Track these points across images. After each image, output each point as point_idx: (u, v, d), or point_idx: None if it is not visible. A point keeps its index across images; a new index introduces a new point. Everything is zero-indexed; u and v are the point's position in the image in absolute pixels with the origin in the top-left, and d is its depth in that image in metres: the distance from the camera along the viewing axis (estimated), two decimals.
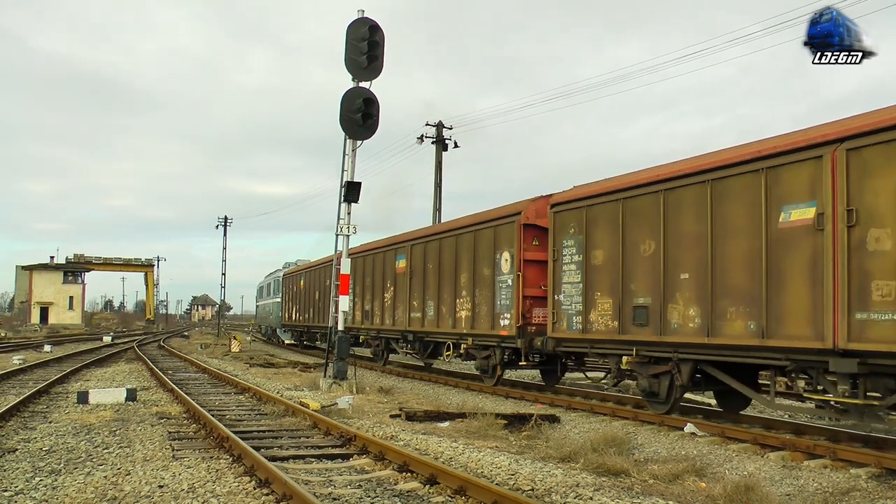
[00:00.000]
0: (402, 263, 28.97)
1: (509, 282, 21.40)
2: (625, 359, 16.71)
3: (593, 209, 17.72)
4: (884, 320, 11.19)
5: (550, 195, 19.92)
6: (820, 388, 12.68)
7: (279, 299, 56.83)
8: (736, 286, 13.84)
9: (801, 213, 12.65)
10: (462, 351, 24.25)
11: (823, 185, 12.20)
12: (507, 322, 21.36)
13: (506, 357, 22.20)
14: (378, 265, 31.62)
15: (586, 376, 21.50)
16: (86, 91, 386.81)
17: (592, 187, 18.12)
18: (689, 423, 15.08)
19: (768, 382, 14.29)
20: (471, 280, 23.52)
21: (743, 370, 14.89)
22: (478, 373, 24.37)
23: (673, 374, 15.64)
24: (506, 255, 21.63)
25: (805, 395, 13.29)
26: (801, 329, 12.49)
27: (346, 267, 23.09)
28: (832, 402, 12.53)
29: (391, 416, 16.25)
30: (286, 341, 55.80)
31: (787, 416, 16.48)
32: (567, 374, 22.88)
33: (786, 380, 14.26)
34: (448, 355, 25.29)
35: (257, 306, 79.01)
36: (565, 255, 18.60)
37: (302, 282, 47.93)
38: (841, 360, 11.85)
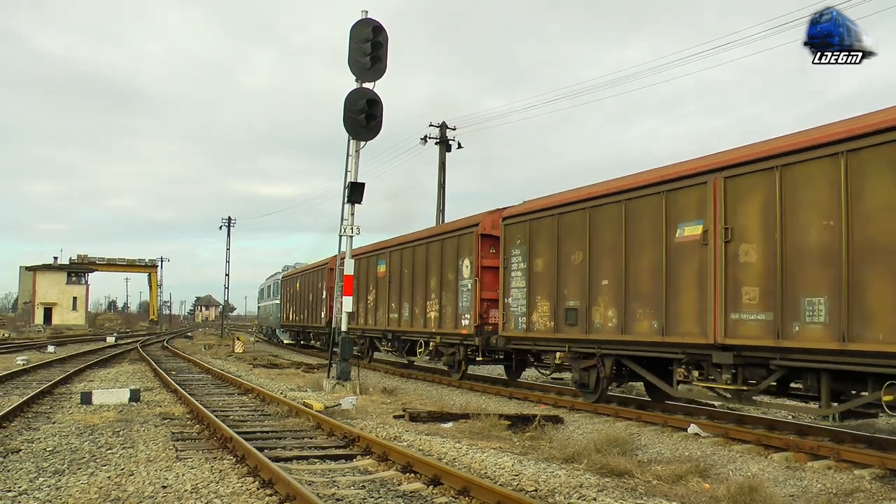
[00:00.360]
0: (382, 268, 31.28)
1: (469, 286, 23.81)
2: (558, 354, 19.27)
3: (535, 223, 20.15)
4: (751, 320, 13.57)
5: (503, 209, 22.38)
6: (711, 377, 14.79)
7: (278, 301, 58.80)
8: (644, 291, 16.19)
9: (692, 230, 15.01)
10: (431, 348, 26.45)
11: (707, 207, 14.58)
12: (467, 322, 23.80)
13: (469, 354, 24.40)
14: (363, 270, 33.45)
15: (539, 371, 23.19)
16: (90, 92, 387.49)
17: (536, 203, 20.54)
18: (692, 424, 15.10)
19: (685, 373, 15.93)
20: (438, 284, 25.91)
21: (653, 363, 16.96)
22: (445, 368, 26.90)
23: (598, 368, 18.07)
24: (466, 261, 24.09)
25: (696, 383, 15.44)
26: (691, 327, 14.85)
27: (349, 268, 23.06)
28: (717, 389, 14.91)
29: (395, 417, 16.25)
30: (285, 341, 57.70)
31: (790, 416, 16.48)
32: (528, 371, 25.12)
33: (683, 370, 15.87)
34: (420, 352, 27.39)
35: (259, 307, 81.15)
36: (513, 263, 20.99)
37: (298, 284, 50.51)
38: (721, 353, 14.26)
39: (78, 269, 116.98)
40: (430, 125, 47.77)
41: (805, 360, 12.78)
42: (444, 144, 47.44)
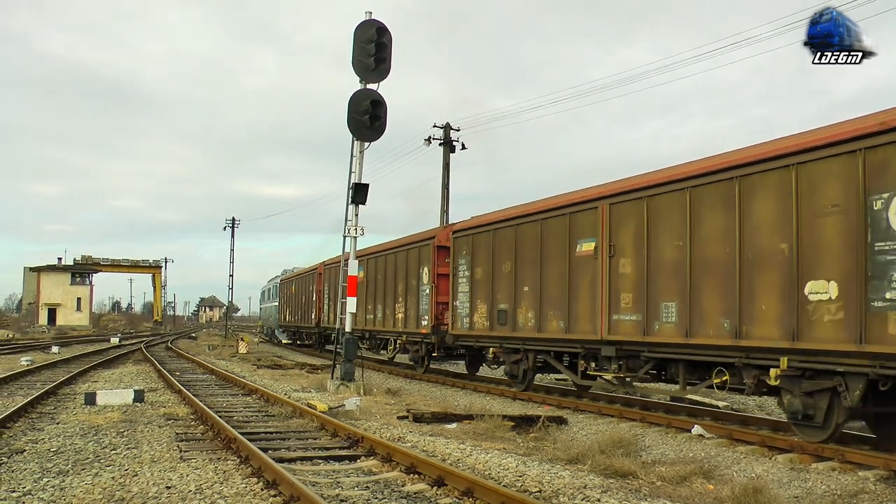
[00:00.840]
0: (361, 274, 32.57)
1: (427, 291, 27.46)
2: (492, 349, 22.91)
3: (476, 237, 23.64)
4: (627, 320, 16.91)
5: (454, 224, 26.55)
6: (604, 367, 17.94)
7: (276, 303, 62.50)
8: (554, 296, 19.56)
9: (587, 246, 18.32)
10: (398, 345, 30.58)
11: (598, 227, 17.90)
12: (425, 322, 27.41)
13: (429, 350, 28.10)
14: (305, 284, 39.06)
15: (489, 367, 26.72)
16: (93, 93, 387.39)
17: (478, 220, 24.20)
18: (696, 425, 15.12)
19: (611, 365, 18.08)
20: (405, 289, 29.52)
21: (561, 356, 20.44)
22: (410, 363, 30.58)
23: (524, 361, 21.54)
24: (425, 269, 27.75)
25: (590, 372, 18.61)
26: (586, 326, 18.20)
27: (353, 269, 23.04)
28: (604, 377, 18.12)
29: (398, 418, 16.25)
30: (283, 341, 61.54)
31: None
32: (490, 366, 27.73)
33: (584, 362, 18.82)
34: (391, 349, 31.56)
35: (261, 309, 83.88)
36: (460, 271, 24.50)
37: (293, 287, 54.59)
38: (607, 347, 17.60)
39: (82, 270, 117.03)
40: (434, 126, 47.78)
41: (663, 351, 16.16)
42: (448, 145, 47.45)
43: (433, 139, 47.57)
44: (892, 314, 11.27)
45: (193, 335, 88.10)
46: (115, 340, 61.09)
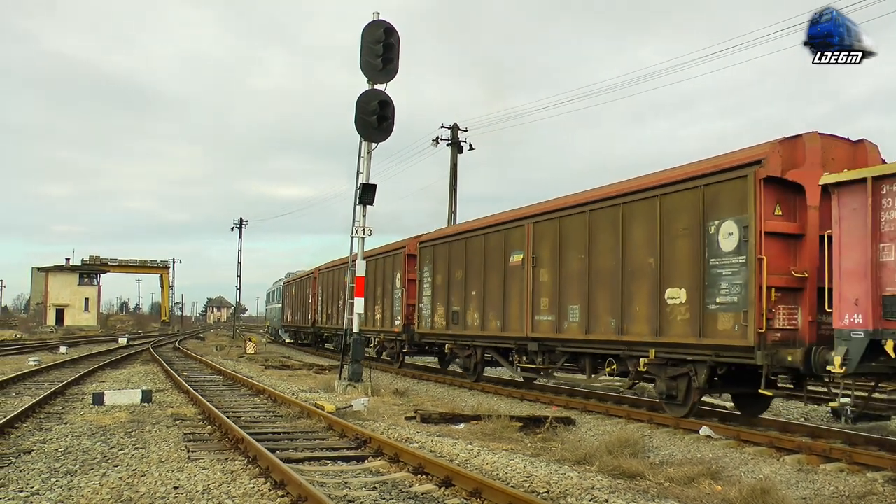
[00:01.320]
0: (345, 279, 34.97)
1: (399, 294, 30.82)
2: (447, 346, 26.57)
3: (437, 247, 27.29)
4: (545, 320, 20.15)
5: (421, 235, 29.49)
6: (531, 360, 21.31)
7: (280, 304, 67.49)
8: (494, 300, 23.00)
9: (517, 257, 21.70)
10: (377, 343, 33.69)
11: (525, 242, 21.28)
12: (398, 322, 30.85)
13: (403, 347, 31.42)
14: (332, 279, 43.26)
15: (455, 362, 28.52)
16: (104, 94, 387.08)
17: (439, 233, 28.33)
18: (704, 426, 15.09)
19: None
20: (382, 292, 32.91)
21: (500, 351, 23.84)
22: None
23: (473, 356, 25.19)
24: (398, 275, 31.07)
25: (518, 364, 22.11)
26: (517, 325, 21.60)
27: (361, 269, 23.04)
28: (530, 367, 21.52)
29: (406, 419, 16.26)
30: (286, 340, 64.88)
31: (802, 419, 16.45)
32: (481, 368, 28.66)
33: (517, 356, 22.24)
34: (372, 346, 33.69)
35: (266, 310, 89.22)
36: (424, 277, 28.20)
37: (294, 290, 58.80)
38: (532, 343, 20.86)
39: (90, 271, 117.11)
40: (442, 126, 47.71)
41: (572, 346, 19.40)
42: (456, 146, 47.36)
43: (441, 140, 47.52)
44: (720, 314, 14.64)
45: (201, 336, 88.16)
46: (122, 341, 61.19)
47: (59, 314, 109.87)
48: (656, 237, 16.17)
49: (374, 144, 22.82)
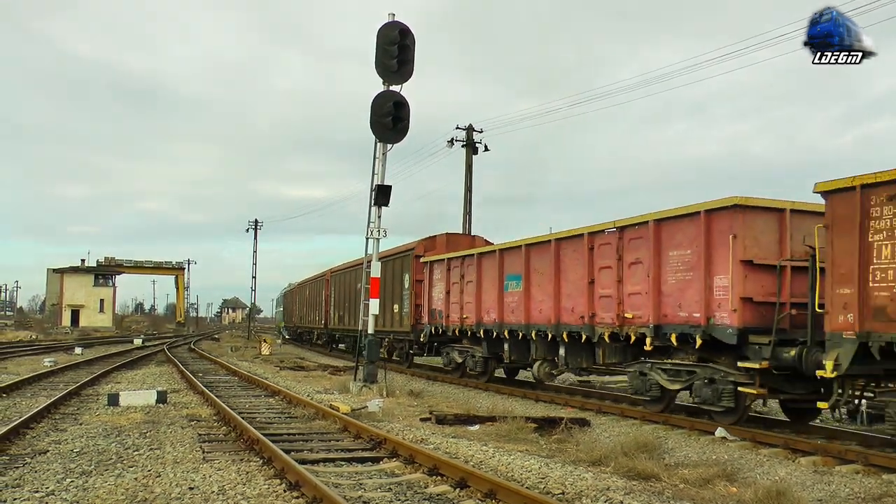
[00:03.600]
0: (324, 288, 48.58)
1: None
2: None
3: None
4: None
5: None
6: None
7: (293, 305, 71.93)
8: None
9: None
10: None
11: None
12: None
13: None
14: (316, 289, 53.06)
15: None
16: (121, 95, 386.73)
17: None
18: (719, 428, 15.09)
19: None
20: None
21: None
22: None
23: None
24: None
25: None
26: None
27: (376, 270, 23.03)
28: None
29: (421, 420, 16.28)
30: (286, 336, 74.24)
31: (818, 420, 16.41)
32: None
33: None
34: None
35: (275, 312, 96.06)
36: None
37: (307, 292, 61.52)
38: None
39: (105, 272, 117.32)
40: (457, 127, 47.65)
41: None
42: (471, 147, 47.31)
43: (456, 141, 47.47)
44: (404, 315, 29.05)
45: (216, 336, 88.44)
46: (137, 342, 61.31)
47: (75, 315, 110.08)
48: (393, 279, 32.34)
49: (389, 146, 22.86)
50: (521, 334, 22.15)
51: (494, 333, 23.72)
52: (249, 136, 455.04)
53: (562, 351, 20.63)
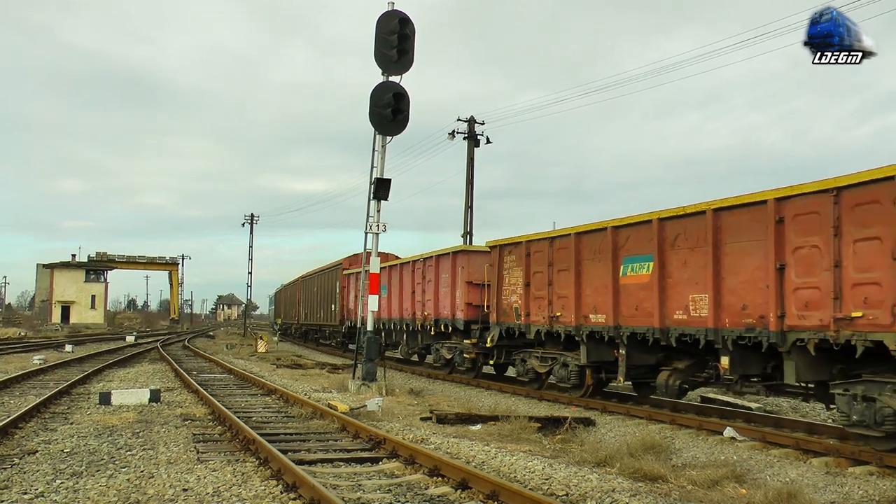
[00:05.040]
0: (297, 291, 65.03)
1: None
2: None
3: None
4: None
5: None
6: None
7: (285, 303, 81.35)
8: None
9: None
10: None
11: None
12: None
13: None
14: (291, 293, 69.04)
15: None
16: (119, 88, 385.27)
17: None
18: (728, 428, 15.09)
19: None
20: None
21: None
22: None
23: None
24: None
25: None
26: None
27: (375, 266, 23.01)
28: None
29: (421, 419, 16.29)
30: (276, 329, 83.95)
31: (830, 420, 16.40)
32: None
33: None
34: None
35: (275, 307, 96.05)
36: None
37: (285, 294, 76.78)
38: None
39: (97, 267, 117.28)
40: (458, 119, 47.47)
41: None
42: (473, 139, 47.14)
43: (457, 133, 47.32)
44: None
45: (211, 334, 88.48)
46: (130, 339, 61.33)
47: (65, 312, 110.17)
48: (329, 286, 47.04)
49: (388, 138, 22.82)
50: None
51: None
52: (250, 130, 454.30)
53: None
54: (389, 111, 21.96)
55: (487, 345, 24.87)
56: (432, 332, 29.80)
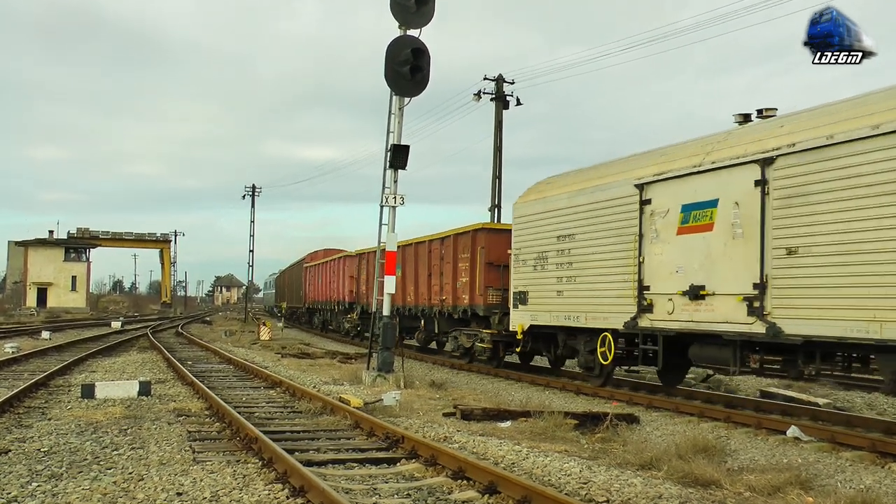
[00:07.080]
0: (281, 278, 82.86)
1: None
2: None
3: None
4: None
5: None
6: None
7: (274, 290, 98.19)
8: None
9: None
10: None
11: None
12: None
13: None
14: (282, 279, 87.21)
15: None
16: (107, 44, 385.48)
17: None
18: (792, 426, 15.00)
19: None
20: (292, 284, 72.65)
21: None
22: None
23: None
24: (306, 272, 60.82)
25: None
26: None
27: (392, 243, 22.93)
28: None
29: (444, 415, 16.31)
30: (275, 312, 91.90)
31: None
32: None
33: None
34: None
35: (276, 291, 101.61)
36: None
37: (284, 278, 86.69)
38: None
39: (77, 245, 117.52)
40: (485, 78, 47.11)
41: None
42: (501, 100, 46.77)
43: (483, 93, 46.96)
44: None
45: (208, 319, 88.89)
46: (116, 325, 61.58)
47: (42, 294, 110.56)
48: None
49: (406, 100, 22.71)
50: None
51: None
52: (253, 89, 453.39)
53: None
54: (407, 69, 21.77)
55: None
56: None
